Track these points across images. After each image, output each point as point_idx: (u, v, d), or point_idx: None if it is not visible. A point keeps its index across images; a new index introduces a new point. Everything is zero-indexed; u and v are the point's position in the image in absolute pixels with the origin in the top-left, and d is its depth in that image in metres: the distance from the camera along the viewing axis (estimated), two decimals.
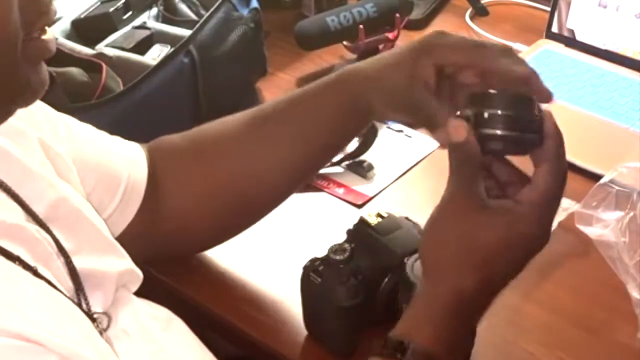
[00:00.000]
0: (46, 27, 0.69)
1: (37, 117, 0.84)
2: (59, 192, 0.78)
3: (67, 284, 0.74)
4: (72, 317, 0.67)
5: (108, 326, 0.77)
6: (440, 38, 0.83)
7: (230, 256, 1.03)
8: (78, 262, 0.76)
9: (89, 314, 0.74)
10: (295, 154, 0.93)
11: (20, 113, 0.81)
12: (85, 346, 0.64)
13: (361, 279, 0.88)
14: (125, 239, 0.90)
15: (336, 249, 0.90)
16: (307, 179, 0.97)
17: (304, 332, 0.95)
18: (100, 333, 0.74)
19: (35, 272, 0.68)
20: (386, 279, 0.89)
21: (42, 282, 0.68)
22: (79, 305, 0.74)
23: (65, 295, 0.70)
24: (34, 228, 0.72)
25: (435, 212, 0.75)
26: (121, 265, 0.82)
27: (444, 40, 0.83)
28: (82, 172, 0.87)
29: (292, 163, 0.94)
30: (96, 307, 0.77)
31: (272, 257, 1.05)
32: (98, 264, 0.79)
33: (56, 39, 1.17)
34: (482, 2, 1.49)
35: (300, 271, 0.92)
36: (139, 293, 0.87)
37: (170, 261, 1.02)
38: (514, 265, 0.76)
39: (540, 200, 0.74)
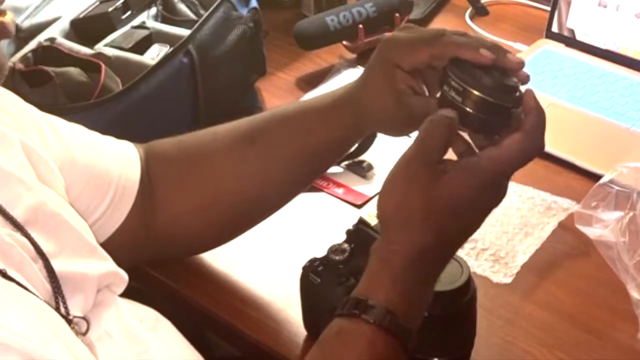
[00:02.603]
0: (5, 9, 0.69)
1: (20, 119, 0.84)
2: (38, 196, 0.78)
3: (43, 287, 0.73)
4: (42, 319, 0.67)
5: (88, 329, 0.77)
6: (392, 42, 0.84)
7: (230, 256, 1.03)
8: (57, 265, 0.75)
9: (66, 317, 0.74)
10: (286, 171, 0.93)
11: (2, 115, 0.81)
12: (55, 347, 0.64)
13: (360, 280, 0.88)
14: (119, 239, 0.90)
15: (335, 249, 0.90)
16: (299, 193, 0.97)
17: (303, 332, 0.95)
18: (76, 335, 0.73)
19: (4, 275, 0.68)
20: None
21: (12, 284, 0.68)
22: (57, 308, 0.73)
23: (39, 298, 0.70)
24: (6, 232, 0.72)
25: (394, 169, 0.76)
26: (103, 267, 0.82)
27: (397, 43, 0.83)
28: (71, 173, 0.87)
29: (282, 180, 0.94)
30: (76, 310, 0.76)
31: (272, 257, 1.05)
32: (78, 267, 0.79)
33: (55, 38, 1.18)
34: (482, 1, 1.49)
35: (300, 271, 0.92)
36: (137, 294, 0.86)
37: (170, 262, 1.02)
38: (469, 218, 0.75)
39: (499, 157, 0.74)
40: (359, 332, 0.73)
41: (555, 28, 1.36)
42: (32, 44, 1.18)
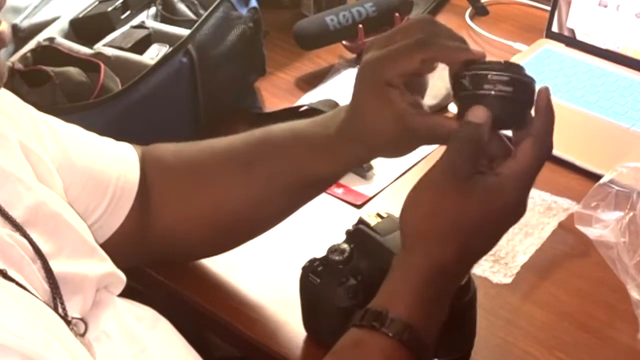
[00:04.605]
0: (0, 18, 0.69)
1: (18, 119, 0.83)
2: (37, 196, 0.78)
3: (42, 288, 0.73)
4: (42, 319, 0.67)
5: (86, 330, 0.76)
6: (376, 61, 0.81)
7: (229, 257, 1.02)
8: (56, 266, 0.75)
9: (64, 318, 0.73)
10: (284, 197, 0.92)
11: (0, 115, 0.80)
12: (55, 348, 0.64)
13: (360, 280, 0.88)
14: (118, 241, 0.90)
15: (335, 250, 0.90)
16: (297, 210, 0.96)
17: (303, 332, 0.95)
18: (75, 336, 0.73)
19: (4, 275, 0.68)
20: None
21: (12, 284, 0.68)
22: (55, 309, 0.73)
23: (38, 298, 0.70)
24: (6, 232, 0.72)
25: (421, 183, 0.75)
26: (102, 268, 0.82)
27: (381, 60, 0.80)
28: (68, 175, 0.87)
29: (280, 204, 0.93)
30: (74, 311, 0.76)
31: (271, 257, 1.05)
32: (77, 268, 0.78)
33: (54, 38, 1.18)
34: (482, 1, 1.49)
35: (299, 272, 0.91)
36: (136, 294, 0.86)
37: (170, 263, 1.02)
38: (492, 236, 0.77)
39: (520, 172, 0.74)
40: (377, 345, 0.73)
41: (555, 28, 1.36)
42: (31, 44, 1.18)
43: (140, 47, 1.20)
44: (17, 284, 0.68)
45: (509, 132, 0.78)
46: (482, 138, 0.74)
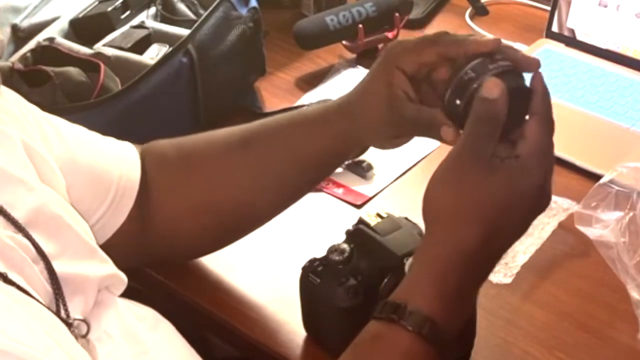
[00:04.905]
0: None
1: (22, 119, 0.83)
2: (39, 197, 0.77)
3: (44, 289, 0.73)
4: (43, 323, 0.66)
5: (88, 331, 0.76)
6: (398, 46, 0.84)
7: (229, 257, 1.02)
8: (58, 267, 0.75)
9: (66, 320, 0.73)
10: (277, 180, 0.93)
11: (4, 115, 0.80)
12: (55, 353, 0.64)
13: (360, 280, 0.88)
14: (120, 240, 0.90)
15: (335, 250, 0.90)
16: (291, 204, 0.96)
17: (303, 333, 0.95)
18: (77, 338, 0.73)
19: (5, 278, 0.67)
20: (385, 280, 0.89)
21: (12, 288, 0.67)
22: (57, 310, 0.73)
23: (39, 301, 0.69)
24: (7, 234, 0.71)
25: (441, 168, 0.74)
26: (103, 270, 0.81)
27: (402, 46, 0.84)
28: (72, 174, 0.87)
29: (274, 189, 0.93)
30: (76, 312, 0.76)
31: (271, 257, 1.05)
32: (79, 269, 0.78)
33: (54, 38, 1.18)
34: (482, 1, 1.49)
35: (299, 272, 0.91)
36: (137, 295, 0.86)
37: (170, 263, 1.02)
38: (518, 221, 0.75)
39: (534, 150, 0.73)
40: (396, 339, 0.71)
41: (555, 28, 1.36)
42: (31, 44, 1.18)
43: (140, 47, 1.20)
44: (18, 287, 0.68)
45: None
46: (500, 114, 0.73)
